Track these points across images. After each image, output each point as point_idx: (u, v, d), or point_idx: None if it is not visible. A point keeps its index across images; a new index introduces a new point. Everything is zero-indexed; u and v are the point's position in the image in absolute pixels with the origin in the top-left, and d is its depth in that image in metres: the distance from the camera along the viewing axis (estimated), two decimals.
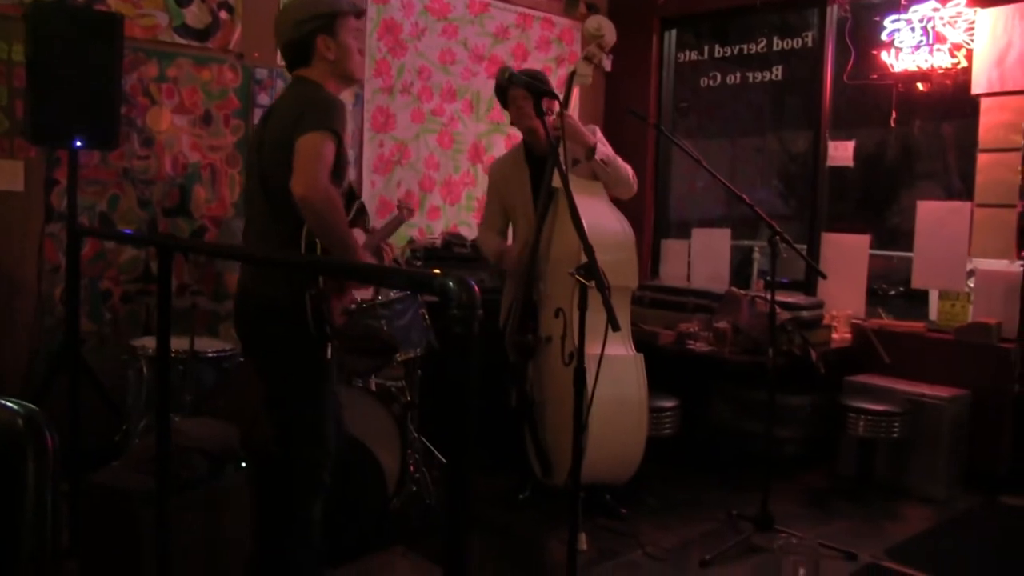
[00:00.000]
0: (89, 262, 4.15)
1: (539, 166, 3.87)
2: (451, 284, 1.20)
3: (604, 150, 3.84)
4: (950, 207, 4.82)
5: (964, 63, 4.71)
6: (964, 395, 4.49)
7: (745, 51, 5.82)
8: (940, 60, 4.79)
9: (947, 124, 5.36)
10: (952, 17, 4.73)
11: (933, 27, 4.79)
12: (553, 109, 3.68)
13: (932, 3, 4.78)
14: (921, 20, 4.83)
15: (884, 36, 4.99)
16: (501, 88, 3.93)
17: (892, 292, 5.57)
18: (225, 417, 3.23)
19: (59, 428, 1.44)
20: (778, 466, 4.38)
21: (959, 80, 4.77)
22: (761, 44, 5.73)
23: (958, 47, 4.73)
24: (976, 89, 4.65)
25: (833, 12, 5.30)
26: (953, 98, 4.85)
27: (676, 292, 5.27)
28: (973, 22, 4.66)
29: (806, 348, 4.44)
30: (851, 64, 5.18)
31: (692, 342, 4.71)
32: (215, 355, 3.71)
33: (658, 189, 6.24)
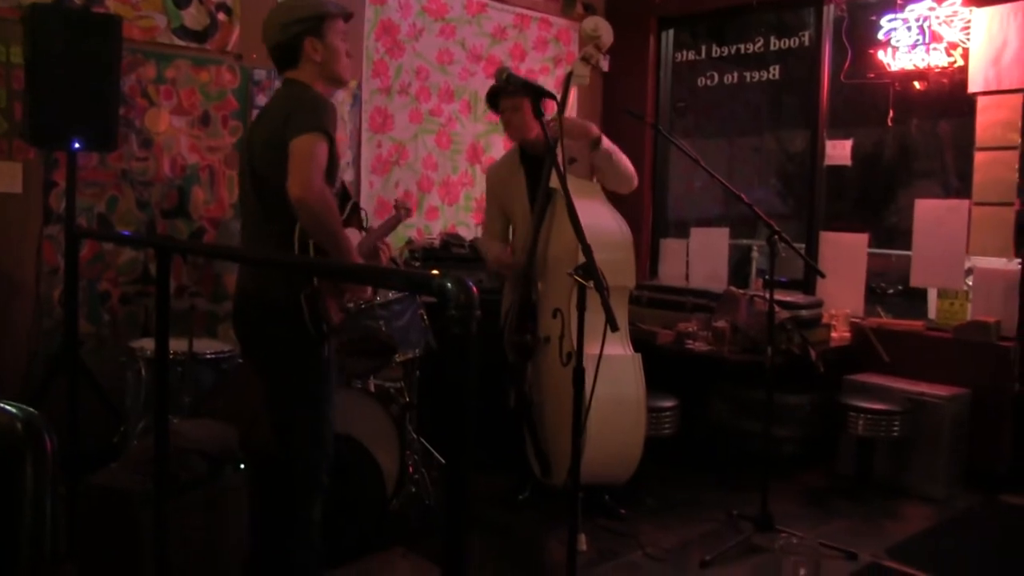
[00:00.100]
0: (88, 264, 4.15)
1: (535, 167, 3.87)
2: (449, 285, 1.21)
3: (607, 144, 3.85)
4: (948, 205, 4.83)
5: (960, 62, 4.72)
6: (963, 394, 4.49)
7: (742, 51, 5.82)
8: (936, 59, 4.79)
9: (944, 123, 5.37)
10: (948, 16, 4.73)
11: (929, 26, 4.79)
12: (551, 110, 3.68)
13: (928, 2, 4.79)
14: (917, 19, 4.84)
15: (881, 35, 4.99)
16: (493, 94, 3.94)
17: (891, 291, 5.57)
18: (224, 418, 3.22)
19: (57, 429, 1.45)
20: (777, 465, 4.38)
21: (956, 79, 4.77)
22: (758, 44, 5.74)
23: (954, 46, 4.73)
24: (973, 88, 4.65)
25: (830, 11, 5.31)
26: (950, 97, 4.85)
27: (675, 292, 5.27)
28: (969, 21, 4.66)
29: (805, 347, 4.44)
30: (848, 63, 5.19)
31: (691, 341, 4.71)
32: (214, 356, 3.70)
33: (656, 189, 6.24)
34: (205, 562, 2.80)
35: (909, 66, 4.90)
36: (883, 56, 4.99)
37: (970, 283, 4.75)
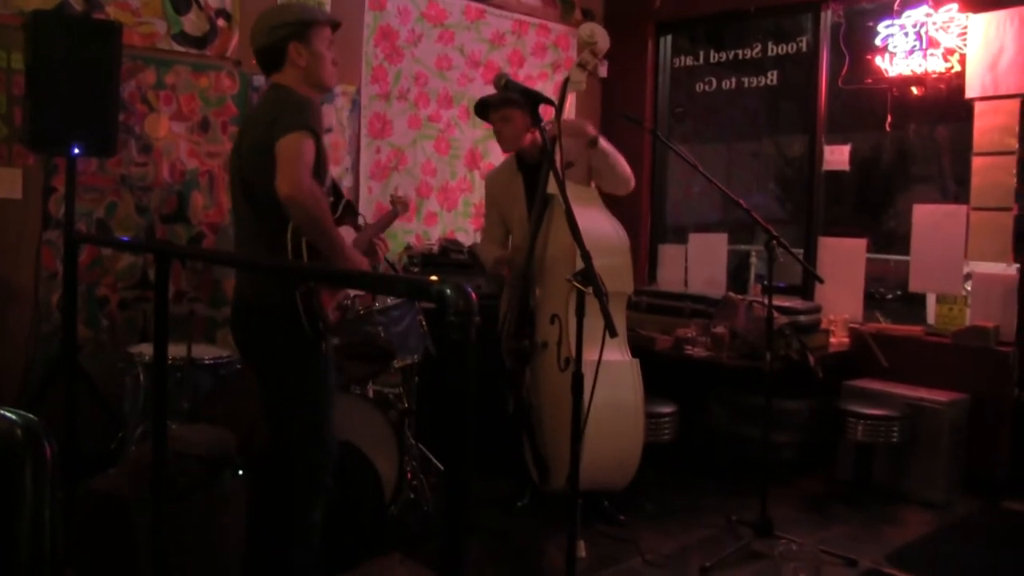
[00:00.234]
0: (86, 269, 4.15)
1: (532, 173, 3.88)
2: (448, 291, 1.21)
3: (605, 144, 3.86)
4: (946, 210, 4.83)
5: (957, 67, 4.73)
6: (962, 399, 4.50)
7: (740, 56, 5.83)
8: (934, 65, 4.81)
9: (942, 128, 5.38)
10: (945, 22, 4.75)
11: (926, 32, 4.80)
12: (549, 116, 3.69)
13: (925, 8, 4.80)
14: (914, 25, 4.85)
15: (878, 41, 5.01)
16: (482, 106, 3.96)
17: (889, 296, 5.58)
18: (222, 424, 3.22)
19: (55, 435, 1.44)
20: (776, 471, 4.38)
21: (953, 84, 4.79)
22: (756, 49, 5.75)
23: (951, 52, 4.75)
24: (970, 93, 4.66)
25: (827, 17, 5.32)
26: (947, 102, 4.87)
27: (673, 297, 5.27)
28: (966, 27, 4.68)
29: (804, 353, 4.44)
30: (846, 69, 5.20)
31: (689, 347, 4.71)
32: (212, 362, 3.70)
33: (654, 194, 6.24)
34: (203, 567, 2.80)
35: (907, 71, 4.91)
36: (880, 62, 5.00)
37: (969, 288, 4.76)
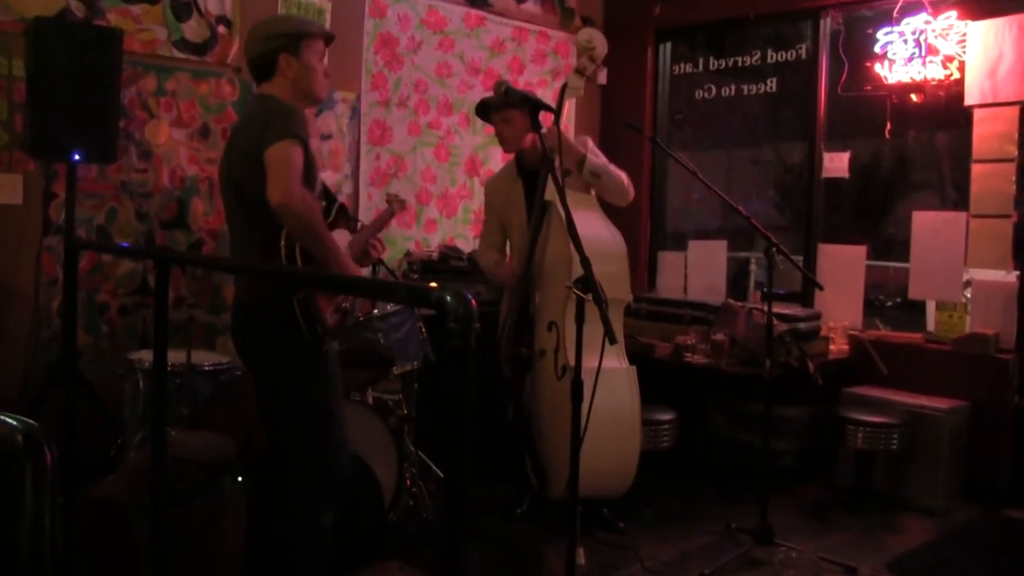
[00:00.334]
0: (86, 275, 4.15)
1: (531, 179, 3.88)
2: (448, 297, 1.21)
3: (594, 160, 3.86)
4: (946, 217, 4.83)
5: (957, 75, 4.74)
6: (963, 406, 4.49)
7: (740, 63, 5.84)
8: (933, 72, 4.81)
9: (941, 135, 5.38)
10: (944, 29, 4.76)
11: (925, 39, 4.81)
12: (549, 123, 3.69)
13: (924, 16, 4.81)
14: (913, 32, 4.86)
15: (877, 48, 5.02)
16: (484, 107, 3.96)
17: (889, 303, 5.58)
18: (222, 430, 3.22)
19: (55, 441, 1.44)
20: (776, 478, 4.37)
21: (952, 91, 4.80)
22: (755, 56, 5.76)
23: (950, 59, 4.76)
24: (969, 100, 4.67)
25: (827, 25, 5.33)
26: (947, 109, 4.87)
27: (673, 304, 5.27)
28: (965, 34, 4.69)
29: (803, 360, 4.44)
30: (845, 76, 5.21)
31: (689, 354, 4.71)
32: (212, 368, 3.70)
33: (654, 201, 6.25)
34: (203, 574, 2.79)
35: (906, 79, 4.92)
36: (880, 69, 5.01)
37: (969, 295, 4.76)
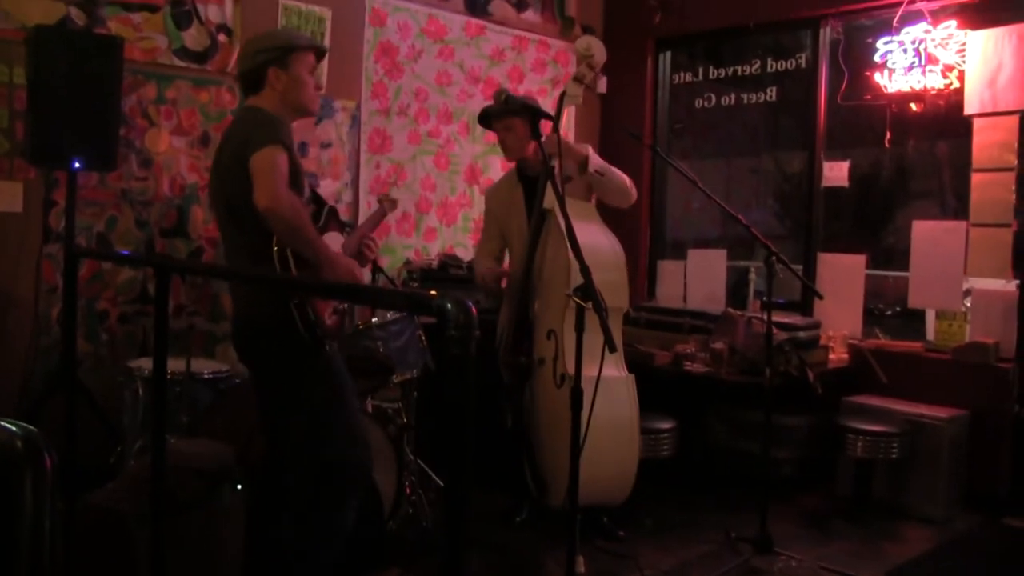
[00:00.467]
0: (86, 283, 4.15)
1: (532, 185, 3.89)
2: (449, 305, 1.21)
3: (598, 159, 3.87)
4: (945, 227, 4.84)
5: (956, 84, 4.75)
6: (962, 415, 4.49)
7: (739, 72, 5.86)
8: (933, 81, 4.82)
9: (941, 144, 5.40)
10: (944, 39, 4.77)
11: (925, 48, 4.82)
12: (548, 131, 3.70)
13: (924, 25, 4.82)
14: (913, 42, 4.87)
15: (877, 57, 5.03)
16: (485, 115, 3.97)
17: (889, 312, 5.58)
18: (221, 438, 3.22)
19: (54, 449, 1.44)
20: (776, 487, 4.36)
21: (952, 100, 4.80)
22: (755, 65, 5.77)
23: (950, 68, 4.76)
24: (969, 109, 4.68)
25: (826, 34, 5.34)
26: (946, 118, 4.88)
27: (672, 313, 5.26)
28: (964, 44, 4.70)
29: (803, 369, 4.43)
30: (845, 85, 5.22)
31: (689, 363, 4.71)
32: (211, 376, 3.70)
33: (654, 210, 6.25)
34: None
35: (905, 88, 4.93)
36: (880, 78, 5.02)
37: (968, 304, 4.76)
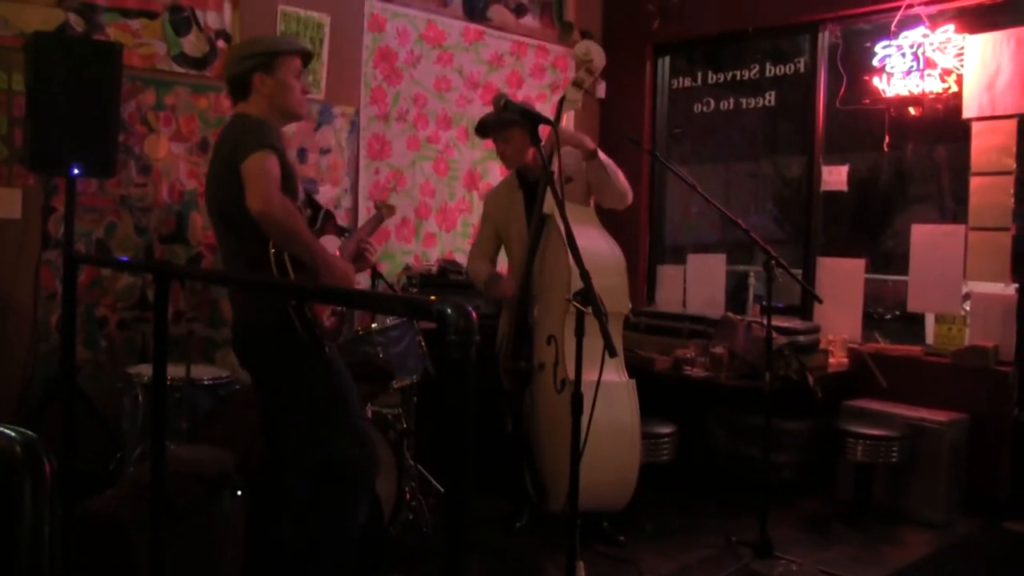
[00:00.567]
0: (85, 289, 4.15)
1: (531, 190, 3.89)
2: (449, 310, 1.21)
3: (604, 156, 3.87)
4: (944, 230, 4.84)
5: (955, 88, 4.75)
6: (962, 419, 4.48)
7: (738, 77, 5.86)
8: (931, 85, 4.83)
9: (940, 148, 5.39)
10: (942, 43, 4.77)
11: (923, 53, 4.83)
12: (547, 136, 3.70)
13: (922, 29, 4.83)
14: (911, 46, 4.88)
15: (875, 62, 5.03)
16: (482, 127, 3.98)
17: (888, 316, 5.57)
18: (221, 444, 3.21)
19: (54, 455, 1.44)
20: (776, 491, 4.36)
21: (950, 104, 4.81)
22: (754, 70, 5.78)
23: (948, 72, 4.77)
24: (967, 113, 4.68)
25: (824, 38, 5.35)
26: (945, 122, 4.88)
27: (672, 318, 5.27)
28: (962, 48, 4.71)
29: (803, 373, 4.43)
30: (843, 89, 5.22)
31: (688, 367, 4.71)
32: (211, 382, 3.70)
33: (653, 215, 6.26)
34: None
35: (904, 92, 4.94)
36: (878, 82, 5.03)
37: (968, 308, 4.76)
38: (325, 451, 2.83)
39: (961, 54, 4.71)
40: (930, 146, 5.40)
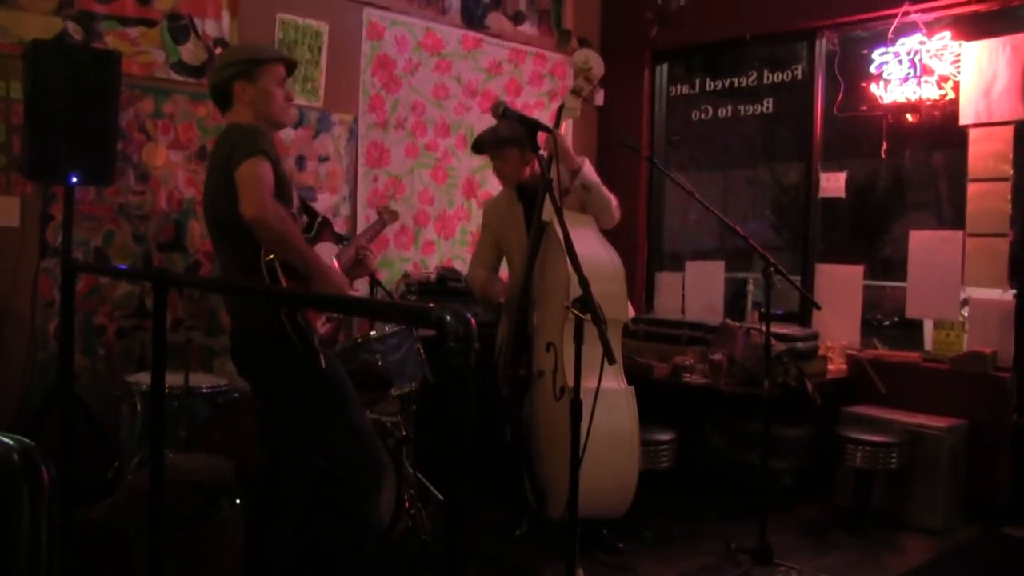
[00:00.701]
0: (84, 297, 4.14)
1: (531, 200, 3.89)
2: (448, 318, 1.21)
3: (588, 175, 3.86)
4: (942, 236, 4.84)
5: (951, 95, 4.77)
6: (961, 425, 4.48)
7: (736, 84, 5.88)
8: (928, 92, 4.84)
9: (937, 154, 5.41)
10: (938, 50, 4.79)
11: (920, 59, 4.84)
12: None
13: (919, 36, 4.84)
14: (908, 53, 4.89)
15: (873, 69, 5.05)
16: (478, 146, 3.99)
17: (887, 322, 5.58)
18: (220, 452, 3.21)
19: (52, 463, 1.44)
20: (775, 498, 4.35)
21: (947, 111, 4.82)
22: (752, 77, 5.79)
23: (945, 79, 4.78)
24: (964, 120, 4.70)
25: (822, 45, 5.37)
26: (942, 129, 4.90)
27: (671, 325, 5.26)
28: (959, 55, 4.72)
29: (802, 379, 4.43)
30: (841, 96, 5.23)
31: (687, 374, 4.71)
32: (209, 390, 3.69)
33: (651, 222, 6.26)
34: None
35: (901, 99, 4.95)
36: (875, 89, 5.04)
37: (966, 314, 4.76)
38: (325, 454, 2.84)
39: (958, 61, 4.73)
40: (927, 152, 5.42)
